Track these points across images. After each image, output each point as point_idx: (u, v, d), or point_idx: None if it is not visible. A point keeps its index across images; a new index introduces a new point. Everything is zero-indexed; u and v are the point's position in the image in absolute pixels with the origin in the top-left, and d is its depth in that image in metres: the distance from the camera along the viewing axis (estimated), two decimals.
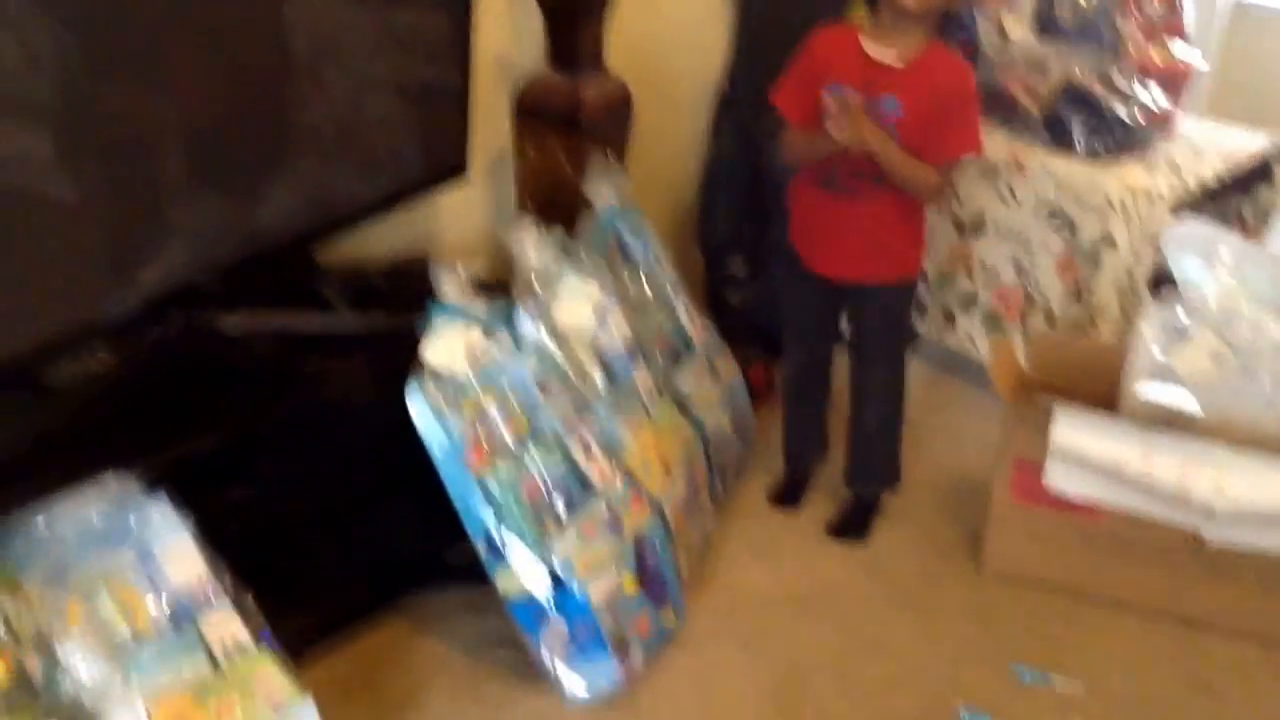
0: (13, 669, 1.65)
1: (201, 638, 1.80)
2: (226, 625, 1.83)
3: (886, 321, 2.67)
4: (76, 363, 2.03)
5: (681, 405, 2.62)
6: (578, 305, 2.41)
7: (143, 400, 2.06)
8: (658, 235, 2.77)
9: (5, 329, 1.80)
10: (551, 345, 2.32)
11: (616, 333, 2.47)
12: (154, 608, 1.78)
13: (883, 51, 2.38)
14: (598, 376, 2.40)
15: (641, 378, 2.51)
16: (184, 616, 1.80)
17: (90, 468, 1.80)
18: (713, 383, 2.79)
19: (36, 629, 1.69)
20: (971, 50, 3.26)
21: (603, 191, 2.60)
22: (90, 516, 1.76)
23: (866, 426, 2.76)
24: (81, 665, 1.69)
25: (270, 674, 1.82)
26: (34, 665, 1.68)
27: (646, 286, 2.71)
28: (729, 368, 2.88)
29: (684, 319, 2.78)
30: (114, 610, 1.74)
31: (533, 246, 2.38)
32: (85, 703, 1.68)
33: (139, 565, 1.79)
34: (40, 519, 1.74)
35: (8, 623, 1.68)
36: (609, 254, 2.64)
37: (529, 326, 2.31)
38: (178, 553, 1.82)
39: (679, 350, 2.73)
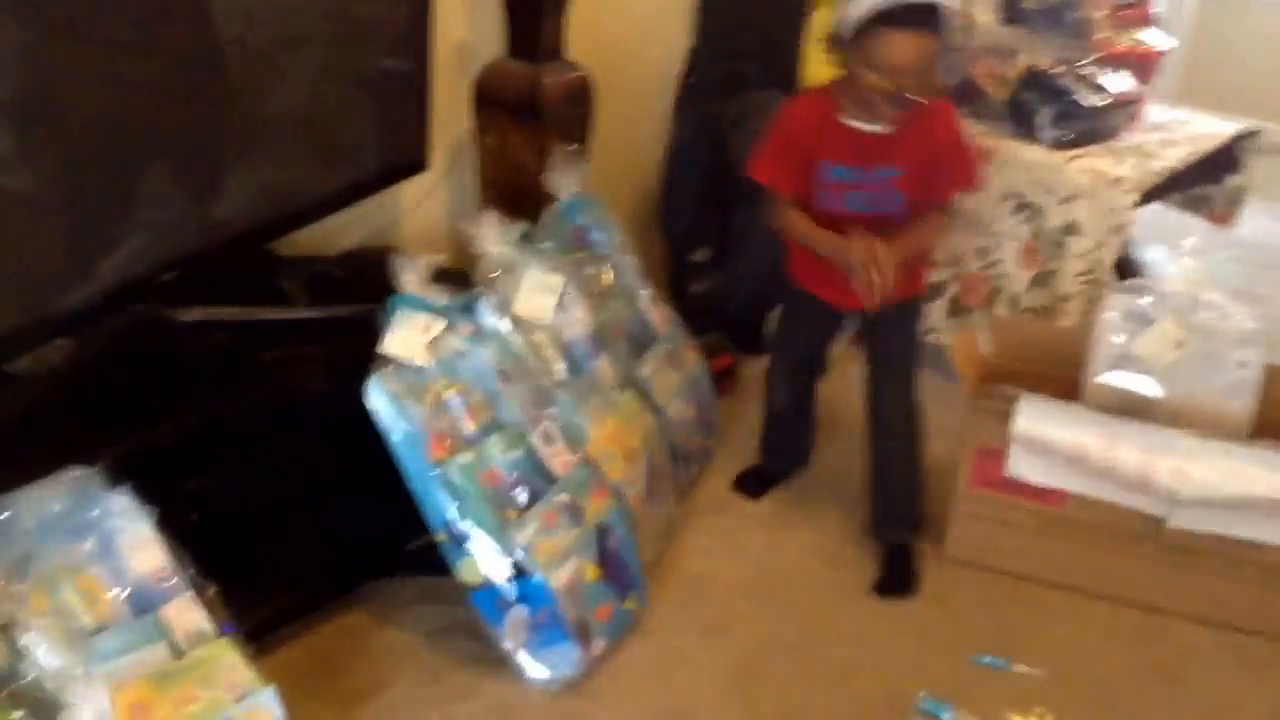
0: None
1: (163, 628, 1.86)
2: (188, 615, 1.90)
3: (903, 336, 2.72)
4: (36, 355, 2.09)
5: (644, 394, 2.70)
6: (539, 296, 2.49)
7: (103, 392, 2.13)
8: (620, 224, 2.84)
9: None
10: (513, 335, 2.41)
11: (578, 323, 2.55)
12: (116, 598, 1.85)
13: (867, 123, 2.43)
14: (560, 366, 2.48)
15: (603, 367, 2.60)
16: (146, 606, 1.86)
17: (51, 459, 1.86)
18: (676, 372, 2.87)
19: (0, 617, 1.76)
20: None
21: (564, 181, 2.67)
22: (52, 508, 1.82)
23: (890, 469, 2.77)
24: (44, 654, 1.75)
25: (232, 663, 1.89)
26: None
27: (609, 276, 2.78)
28: (692, 357, 2.97)
29: (647, 308, 2.86)
30: (76, 600, 1.81)
31: (494, 238, 2.45)
32: (49, 691, 1.74)
33: (101, 556, 1.85)
34: (2, 510, 1.80)
35: None
36: (571, 243, 2.71)
37: (490, 317, 2.38)
38: (139, 544, 1.88)
39: (642, 339, 2.81)
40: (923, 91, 2.35)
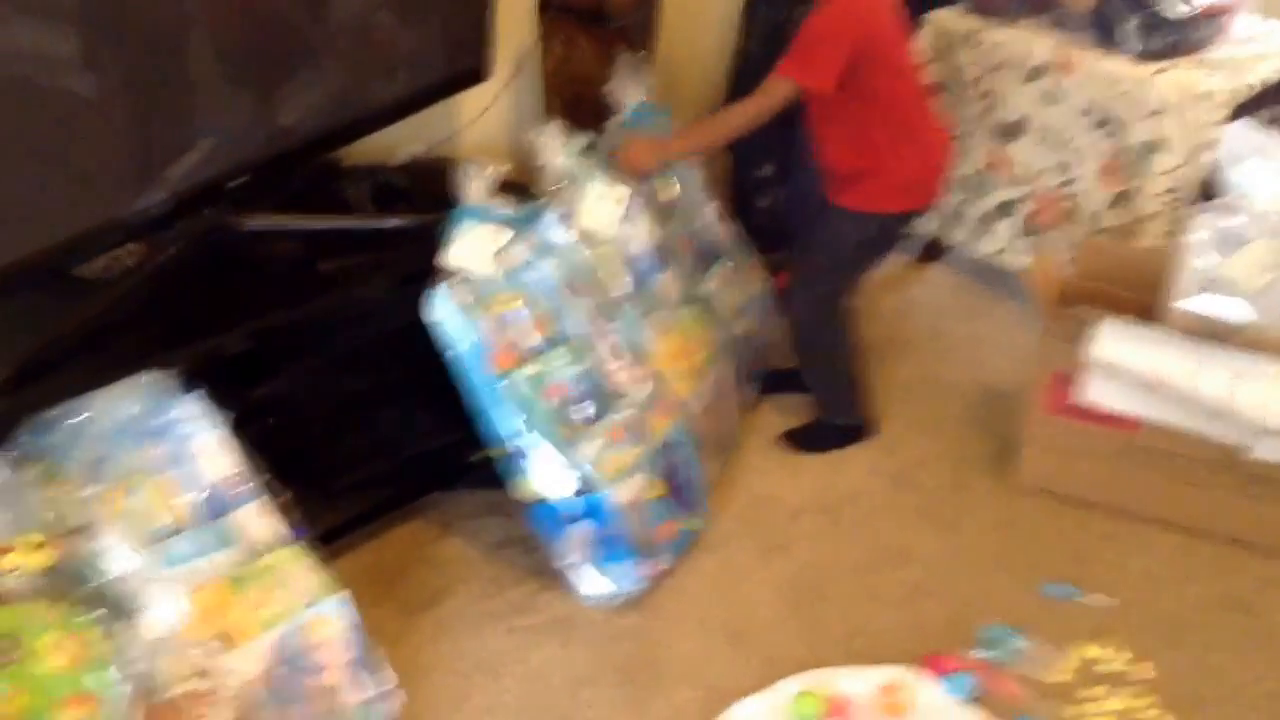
0: (56, 557, 1.82)
1: (236, 532, 1.97)
2: (260, 520, 2.00)
3: (814, 239, 2.81)
4: (109, 259, 2.18)
5: (708, 309, 2.76)
6: (604, 207, 2.54)
7: (174, 297, 2.21)
8: None
9: (38, 226, 1.93)
10: (578, 247, 2.46)
11: (643, 235, 2.60)
12: (190, 502, 1.95)
13: None
14: (624, 280, 2.53)
15: (668, 281, 2.65)
16: (219, 511, 1.97)
17: (125, 364, 1.96)
18: (740, 288, 2.93)
19: (77, 519, 1.86)
20: None
21: (630, 89, 2.72)
22: (129, 411, 1.92)
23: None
24: (121, 556, 1.86)
25: (304, 569, 1.99)
26: (76, 553, 1.85)
27: (675, 188, 2.83)
28: (756, 275, 3.02)
29: (712, 223, 2.91)
30: (152, 503, 1.91)
31: (559, 149, 2.50)
32: (125, 590, 1.85)
33: (175, 460, 1.95)
34: (80, 413, 1.90)
35: (51, 513, 1.85)
36: None
37: (555, 229, 2.43)
38: (213, 448, 1.98)
39: (707, 255, 2.87)
40: None
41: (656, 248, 2.64)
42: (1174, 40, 3.19)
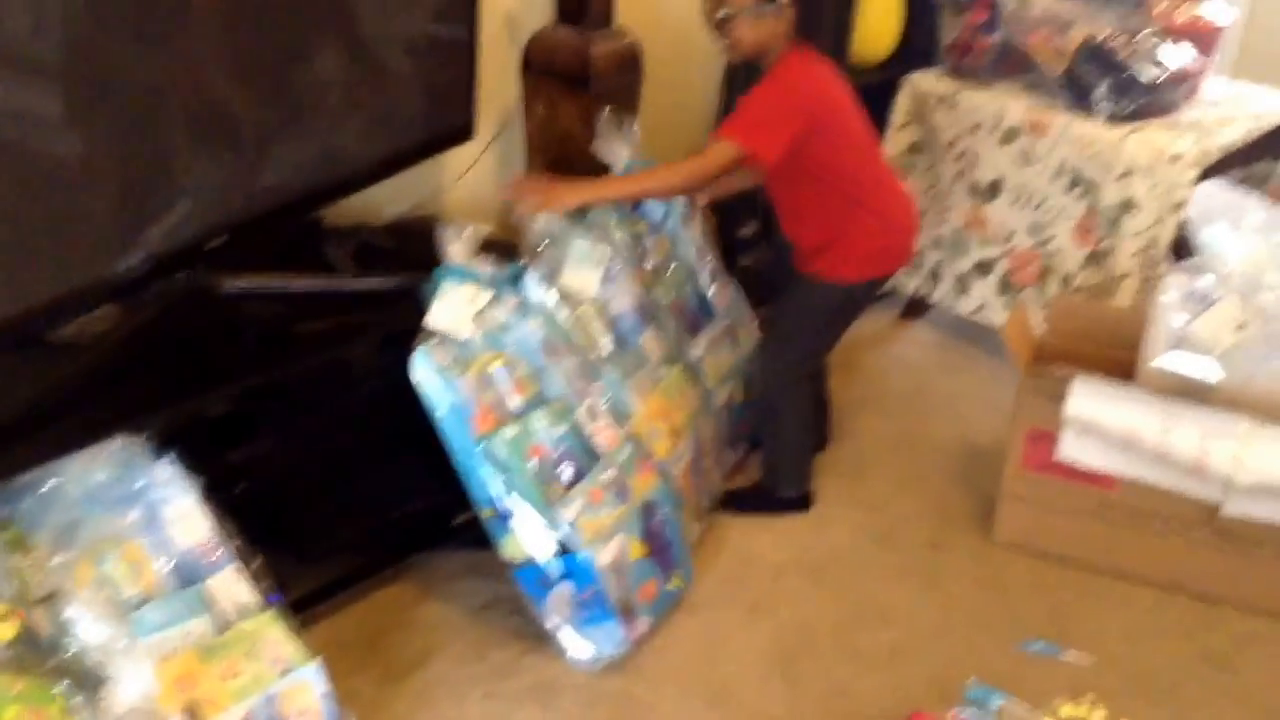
0: (22, 628, 1.72)
1: (208, 600, 1.87)
2: (233, 587, 1.90)
3: (787, 306, 2.75)
4: (84, 321, 2.09)
5: (693, 371, 2.68)
6: (586, 268, 2.46)
7: (149, 360, 2.12)
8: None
9: (14, 287, 1.84)
10: (559, 308, 2.38)
11: (626, 295, 2.53)
12: (160, 569, 1.85)
13: None
14: (606, 340, 2.45)
15: (650, 341, 2.57)
16: (190, 578, 1.87)
17: (99, 427, 1.86)
18: (730, 350, 2.85)
19: (45, 588, 1.76)
20: (992, 8, 3.29)
21: (618, 150, 2.64)
22: (99, 477, 1.82)
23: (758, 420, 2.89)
24: (88, 626, 1.76)
25: (277, 637, 1.88)
26: (42, 624, 1.74)
27: (669, 248, 2.76)
28: (750, 334, 2.94)
29: (707, 284, 2.84)
30: (121, 571, 1.81)
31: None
32: (92, 661, 1.75)
33: (146, 526, 1.85)
34: (50, 479, 1.80)
35: (17, 582, 1.74)
36: (627, 213, 2.68)
37: (536, 289, 2.36)
38: (184, 514, 1.88)
39: (698, 316, 2.79)
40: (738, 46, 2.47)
41: (639, 307, 2.56)
42: (1144, 103, 3.17)
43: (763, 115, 2.43)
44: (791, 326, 2.71)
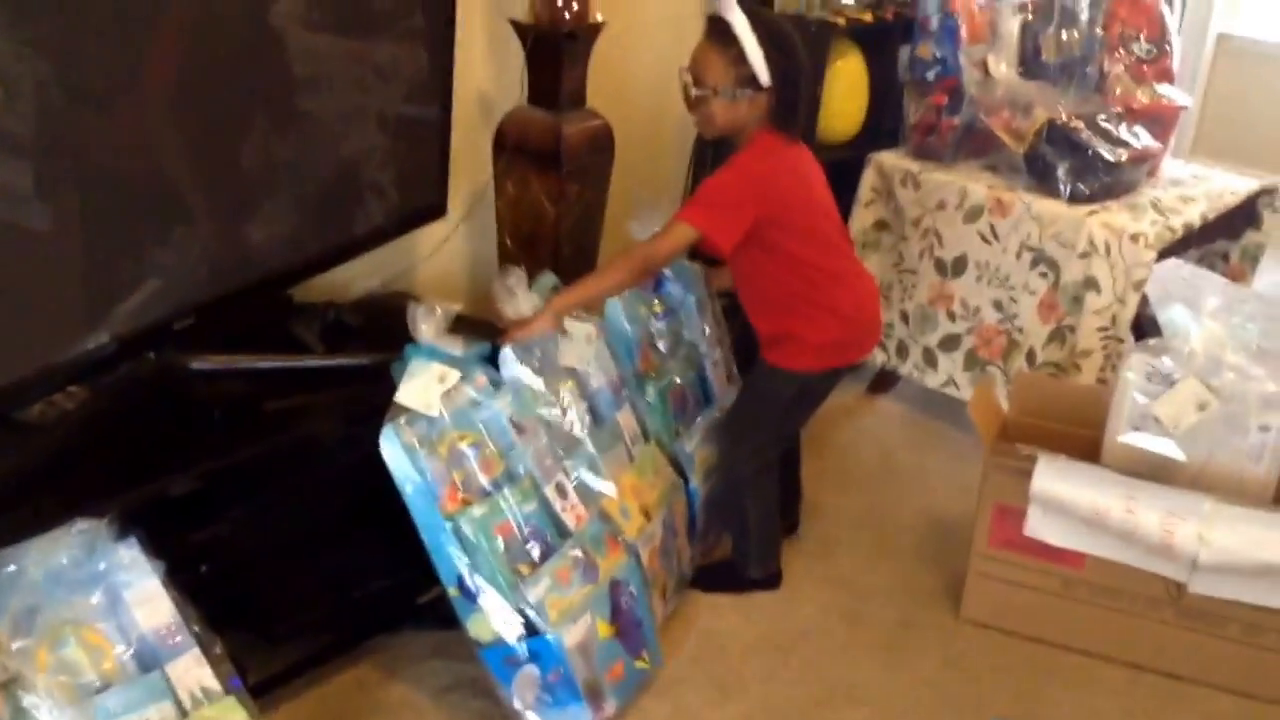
0: None
1: (169, 684, 1.81)
2: (194, 672, 1.84)
3: (742, 392, 2.74)
4: (49, 401, 2.05)
5: (675, 461, 2.66)
6: (577, 346, 2.45)
7: (114, 440, 2.09)
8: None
9: None
10: (531, 385, 2.36)
11: (603, 373, 2.51)
12: (121, 654, 1.79)
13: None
14: (578, 417, 2.43)
15: (625, 419, 2.55)
16: (151, 663, 1.81)
17: (60, 509, 1.82)
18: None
19: (4, 674, 1.71)
20: (955, 90, 3.33)
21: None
22: (60, 560, 1.77)
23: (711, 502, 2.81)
24: (47, 714, 1.70)
25: None
26: (1, 711, 1.69)
27: (680, 331, 2.77)
28: None
29: (711, 374, 2.84)
30: (81, 656, 1.75)
31: (522, 298, 2.40)
32: None
33: (107, 610, 1.80)
34: (9, 563, 1.75)
35: None
36: (645, 295, 2.69)
37: (507, 366, 2.34)
38: (146, 597, 1.83)
39: (698, 403, 2.79)
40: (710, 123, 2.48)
41: (613, 384, 2.54)
42: (1105, 183, 3.20)
43: (720, 199, 2.43)
44: (752, 413, 2.69)
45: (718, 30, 2.42)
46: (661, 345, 2.70)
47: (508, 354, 2.33)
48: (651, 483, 2.54)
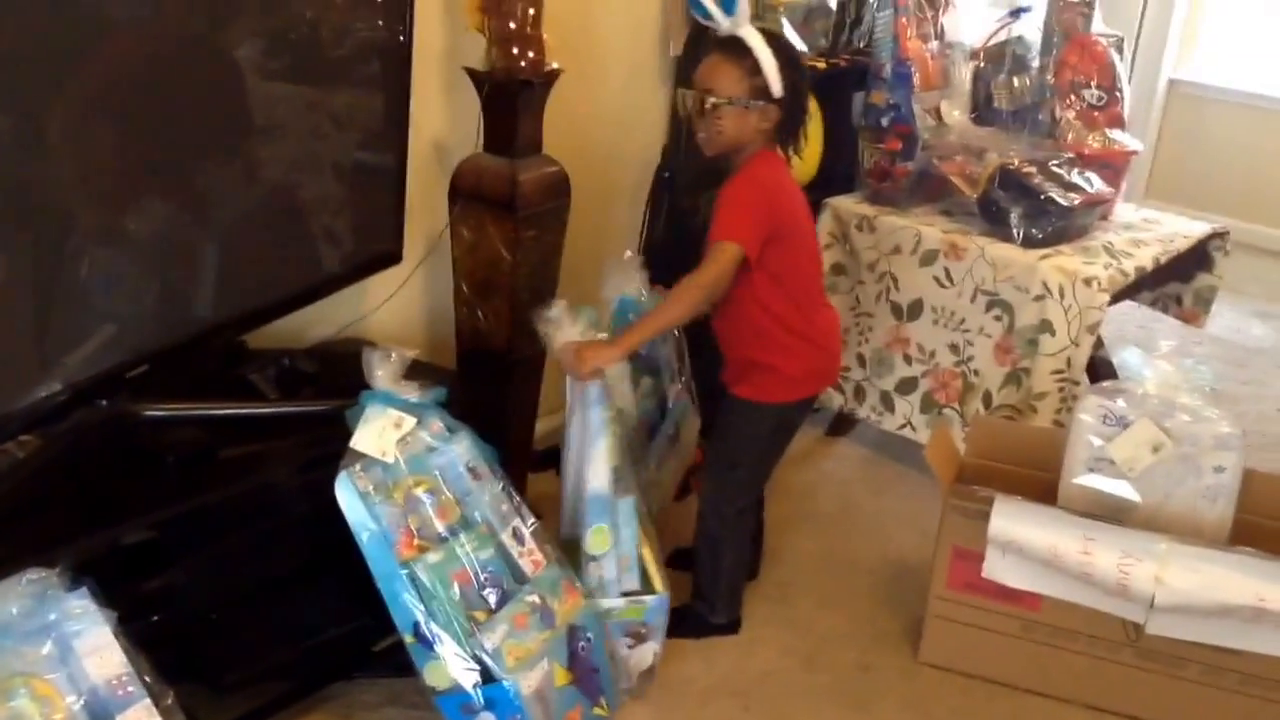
0: None
1: None
2: None
3: (720, 434, 2.75)
4: (1, 450, 2.05)
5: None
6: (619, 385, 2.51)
7: (66, 489, 2.08)
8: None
9: None
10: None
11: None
12: (71, 705, 1.79)
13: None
14: None
15: None
16: (102, 714, 1.80)
17: (12, 558, 1.82)
18: (677, 463, 2.89)
19: None
20: (909, 136, 3.38)
21: (618, 281, 2.70)
22: (10, 610, 1.77)
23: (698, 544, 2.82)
24: None
25: None
26: None
27: (646, 382, 2.80)
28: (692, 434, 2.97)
29: (673, 412, 2.88)
30: (31, 708, 1.75)
31: (568, 324, 2.47)
32: None
33: (58, 661, 1.79)
34: None
35: None
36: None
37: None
38: (98, 648, 1.83)
39: (655, 425, 2.84)
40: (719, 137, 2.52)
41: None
42: (1058, 228, 3.26)
43: (744, 213, 2.47)
44: (730, 455, 2.70)
45: (731, 44, 2.49)
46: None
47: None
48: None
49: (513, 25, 2.60)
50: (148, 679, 1.86)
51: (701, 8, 2.65)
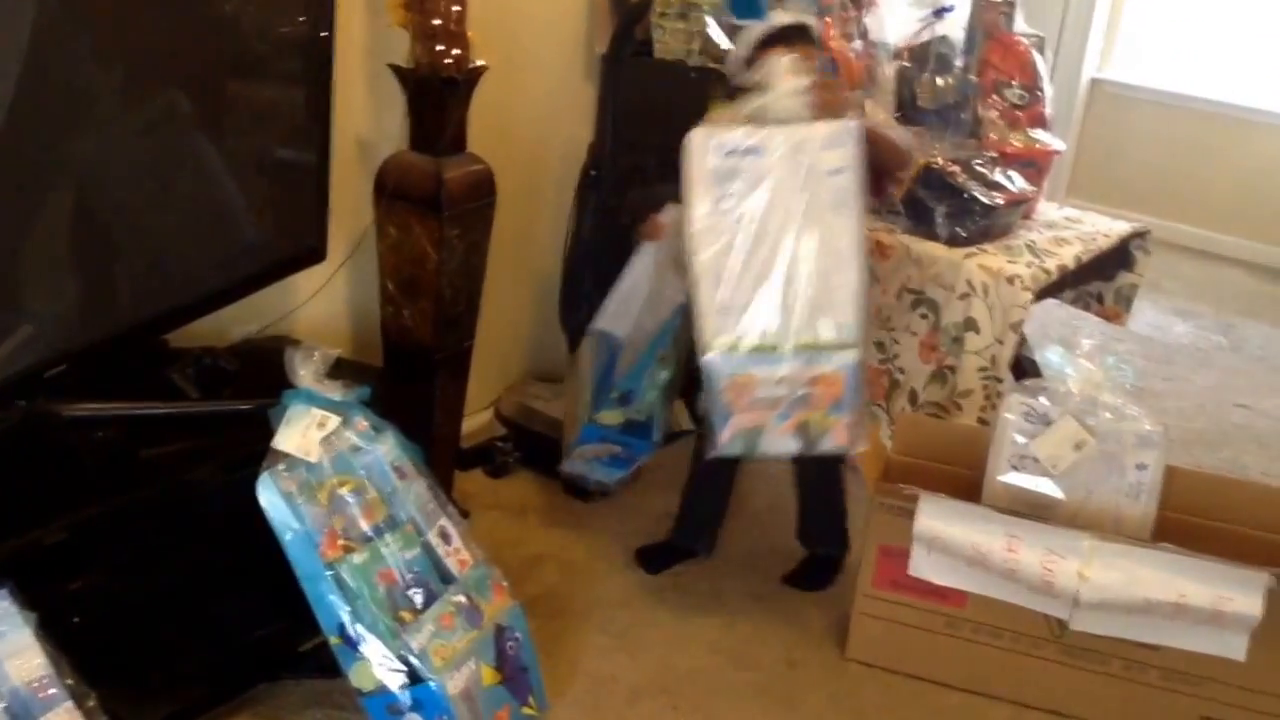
0: None
1: None
2: None
3: None
4: None
5: None
6: None
7: None
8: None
9: None
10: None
11: None
12: None
13: None
14: None
15: None
16: (25, 716, 1.82)
17: None
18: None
19: None
20: None
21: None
22: None
23: (820, 488, 2.99)
24: None
25: None
26: None
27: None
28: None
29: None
30: None
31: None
32: None
33: None
34: None
35: None
36: None
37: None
38: (18, 650, 1.84)
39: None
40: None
41: None
42: (982, 226, 3.31)
43: None
44: None
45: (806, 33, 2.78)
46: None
47: None
48: None
49: (437, 21, 2.62)
50: (70, 681, 1.88)
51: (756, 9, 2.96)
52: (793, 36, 2.76)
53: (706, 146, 2.58)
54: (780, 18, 2.83)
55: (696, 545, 3.07)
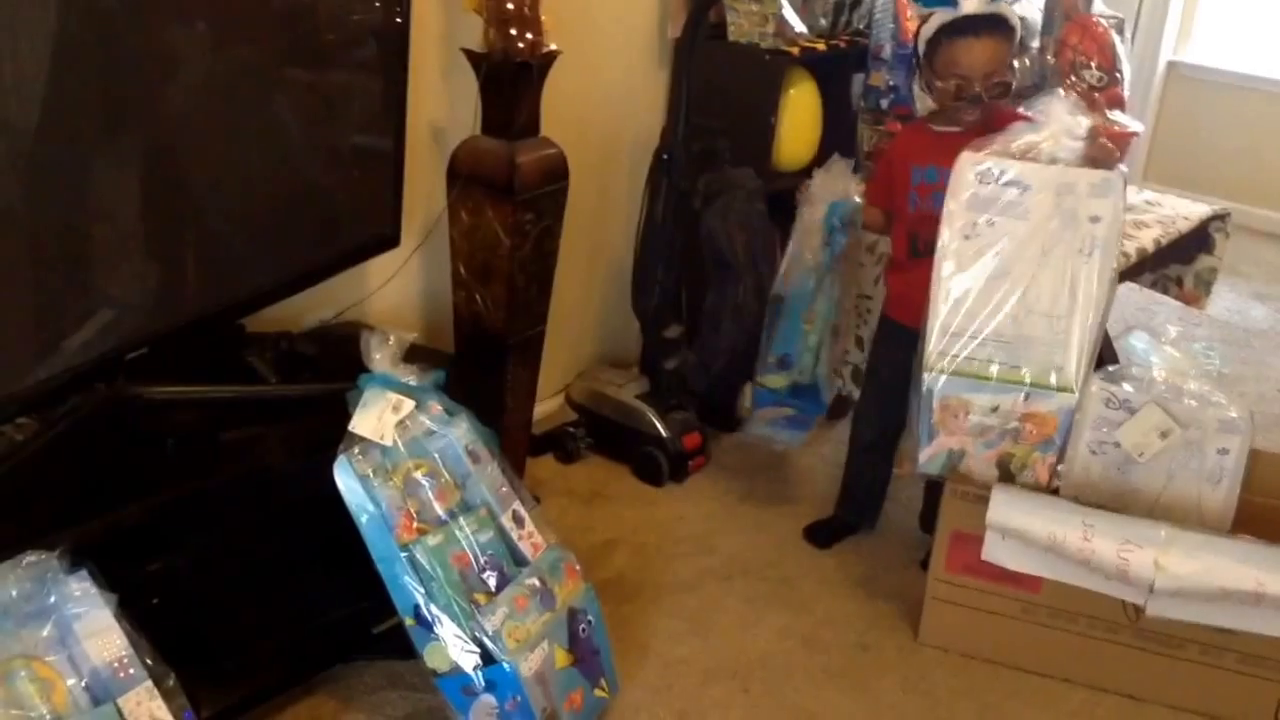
0: None
1: (121, 718, 1.82)
2: (146, 705, 1.85)
3: None
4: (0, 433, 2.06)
5: None
6: None
7: (66, 472, 2.09)
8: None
9: None
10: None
11: None
12: (73, 687, 1.80)
13: (947, 127, 2.78)
14: None
15: None
16: (103, 696, 1.82)
17: (11, 541, 1.83)
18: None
19: None
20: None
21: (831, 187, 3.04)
22: (9, 593, 1.78)
23: None
24: None
25: None
26: None
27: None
28: None
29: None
30: (32, 690, 1.76)
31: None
32: None
33: (58, 643, 1.81)
34: None
35: None
36: None
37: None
38: (98, 630, 1.84)
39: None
40: (992, 92, 2.68)
41: None
42: None
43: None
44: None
45: (1004, 24, 2.70)
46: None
47: None
48: None
49: (510, 6, 2.60)
50: (149, 661, 1.87)
51: None
52: (981, 27, 2.66)
53: (972, 171, 2.56)
54: (969, 4, 2.71)
55: (860, 520, 3.13)
